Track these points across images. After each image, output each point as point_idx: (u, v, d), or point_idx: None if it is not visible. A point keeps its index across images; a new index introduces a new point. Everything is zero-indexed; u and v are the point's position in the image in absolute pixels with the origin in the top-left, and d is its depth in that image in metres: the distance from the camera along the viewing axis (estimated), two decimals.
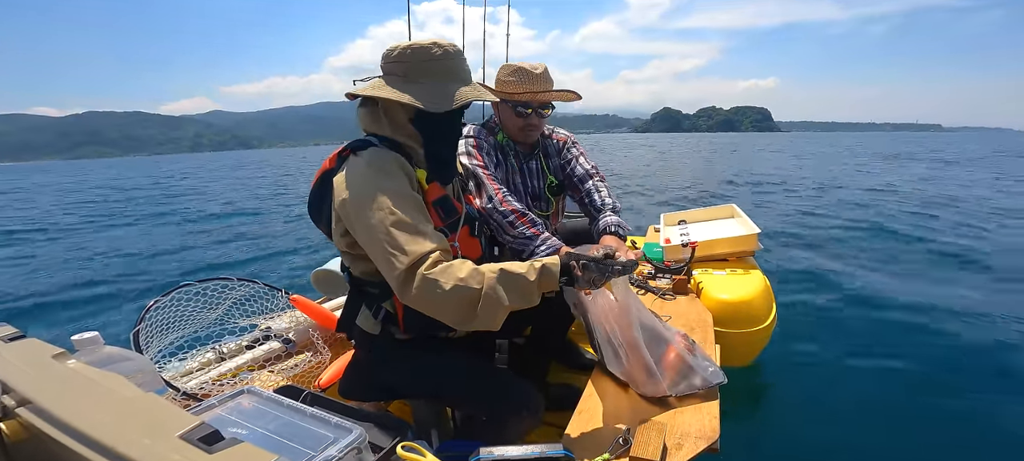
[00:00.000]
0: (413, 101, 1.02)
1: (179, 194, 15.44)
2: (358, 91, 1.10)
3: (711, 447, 1.04)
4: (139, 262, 5.66)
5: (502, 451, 0.90)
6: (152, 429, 0.52)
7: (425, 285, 0.93)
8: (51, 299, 4.34)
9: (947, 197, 8.83)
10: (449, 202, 1.13)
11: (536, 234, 1.38)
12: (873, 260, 4.61)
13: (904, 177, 13.17)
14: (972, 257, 4.61)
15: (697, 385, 1.17)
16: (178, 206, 11.83)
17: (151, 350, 1.36)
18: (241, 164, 38.86)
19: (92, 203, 14.06)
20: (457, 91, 1.07)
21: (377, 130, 1.10)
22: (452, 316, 0.96)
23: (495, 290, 0.94)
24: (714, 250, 2.17)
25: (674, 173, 16.47)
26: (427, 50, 1.06)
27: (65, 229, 8.84)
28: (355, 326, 1.19)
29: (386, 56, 1.09)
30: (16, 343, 0.73)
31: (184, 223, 8.75)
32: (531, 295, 0.97)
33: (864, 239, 5.51)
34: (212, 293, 1.58)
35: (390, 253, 0.95)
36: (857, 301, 3.52)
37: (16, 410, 0.59)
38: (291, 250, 6.19)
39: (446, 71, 1.08)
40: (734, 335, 1.78)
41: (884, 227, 6.05)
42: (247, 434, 0.88)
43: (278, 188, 15.94)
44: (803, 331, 2.99)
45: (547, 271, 0.98)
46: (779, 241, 5.44)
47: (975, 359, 2.63)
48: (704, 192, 10.97)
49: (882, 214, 7.10)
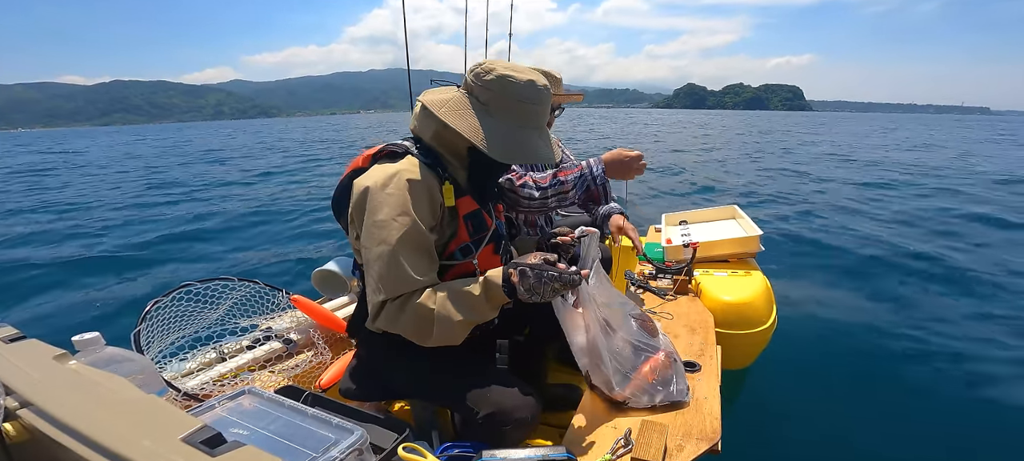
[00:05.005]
0: (483, 144, 0.99)
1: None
2: (434, 108, 1.03)
3: (712, 448, 1.04)
4: (140, 261, 5.66)
5: (505, 454, 0.90)
6: (154, 431, 0.52)
7: (388, 315, 0.99)
8: (51, 299, 4.34)
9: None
10: (480, 216, 1.11)
11: (576, 172, 1.40)
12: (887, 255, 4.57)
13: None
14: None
15: (657, 402, 1.17)
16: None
17: (152, 350, 1.36)
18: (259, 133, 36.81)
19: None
20: (531, 143, 1.04)
21: (422, 135, 1.07)
22: (412, 335, 1.00)
23: (445, 308, 0.97)
24: (715, 251, 2.17)
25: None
26: (521, 89, 1.01)
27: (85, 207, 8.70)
28: (363, 328, 1.19)
29: (477, 74, 1.03)
30: (17, 344, 0.73)
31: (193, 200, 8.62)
32: (480, 308, 0.99)
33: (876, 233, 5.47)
34: (212, 293, 1.58)
35: (376, 280, 0.98)
36: (861, 300, 3.53)
37: (17, 411, 0.59)
38: (292, 250, 6.19)
39: (530, 116, 1.04)
40: (735, 336, 1.78)
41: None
42: (248, 435, 0.88)
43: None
44: (804, 332, 2.99)
45: (490, 283, 0.99)
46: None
47: (978, 360, 2.63)
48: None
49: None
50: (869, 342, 2.89)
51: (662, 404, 1.17)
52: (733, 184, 9.42)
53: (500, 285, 0.98)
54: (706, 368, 1.35)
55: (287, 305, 1.74)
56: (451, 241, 1.07)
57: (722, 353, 1.47)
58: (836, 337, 2.96)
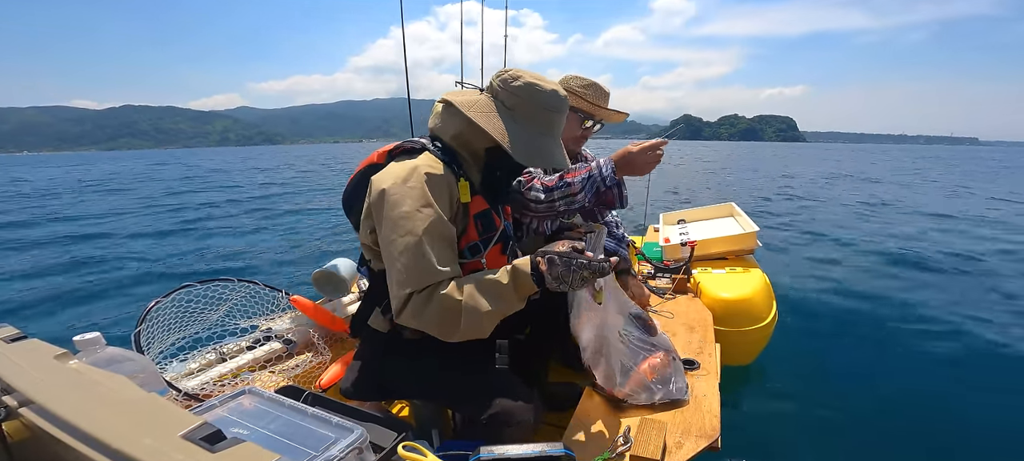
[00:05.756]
0: (508, 146, 1.01)
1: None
2: (463, 108, 1.05)
3: (712, 445, 1.05)
4: (142, 261, 5.66)
5: (503, 450, 0.90)
6: (154, 429, 0.52)
7: (414, 308, 0.97)
8: (51, 299, 4.35)
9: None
10: (490, 216, 1.12)
11: (584, 172, 1.36)
12: (883, 261, 4.60)
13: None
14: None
15: (656, 400, 1.18)
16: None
17: (152, 351, 1.36)
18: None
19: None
20: (550, 150, 1.07)
21: (442, 134, 1.09)
22: (437, 329, 0.98)
23: (473, 299, 0.96)
24: (713, 249, 2.17)
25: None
26: (547, 97, 1.04)
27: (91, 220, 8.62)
28: (366, 326, 1.19)
29: (504, 80, 1.06)
30: (18, 344, 0.73)
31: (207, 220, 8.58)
32: (508, 297, 0.97)
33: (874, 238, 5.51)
34: (213, 294, 1.59)
35: (401, 272, 0.97)
36: (863, 300, 3.53)
37: (18, 410, 0.60)
38: (292, 250, 6.20)
39: (550, 125, 1.07)
40: (734, 333, 1.79)
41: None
42: (248, 434, 0.88)
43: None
44: (805, 329, 2.99)
45: (518, 270, 0.98)
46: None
47: (980, 360, 2.64)
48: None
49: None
50: (870, 340, 2.89)
51: (661, 402, 1.17)
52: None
53: (529, 273, 0.97)
54: (705, 366, 1.36)
55: (287, 306, 1.74)
56: (460, 239, 1.07)
57: (722, 350, 1.47)
58: (837, 336, 2.97)
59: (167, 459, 0.47)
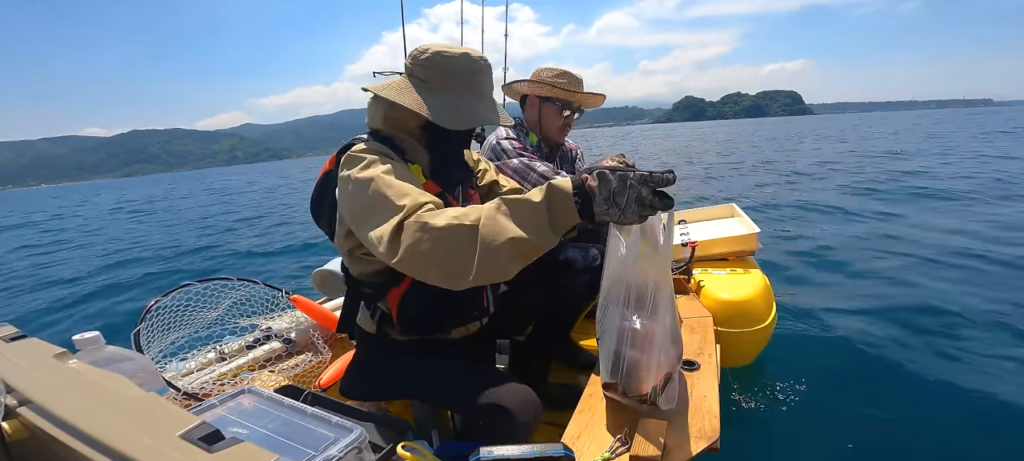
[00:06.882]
0: (428, 114, 1.01)
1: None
2: (376, 90, 1.07)
3: (711, 447, 1.04)
4: (142, 262, 5.67)
5: (502, 450, 0.90)
6: (153, 428, 0.52)
7: (413, 232, 0.80)
8: (52, 299, 4.35)
9: None
10: (445, 200, 1.11)
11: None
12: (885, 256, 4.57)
13: None
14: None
15: (656, 400, 1.15)
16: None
17: (152, 350, 1.36)
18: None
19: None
20: (474, 109, 1.06)
21: (374, 124, 1.10)
22: (444, 264, 0.78)
23: (495, 220, 0.77)
24: (714, 249, 2.17)
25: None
26: (455, 61, 1.04)
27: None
28: (356, 325, 1.19)
29: (413, 56, 1.07)
30: (18, 343, 0.73)
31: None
32: (538, 222, 0.77)
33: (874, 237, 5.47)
34: (212, 293, 1.59)
35: (379, 214, 0.86)
36: (864, 300, 3.52)
37: (17, 409, 0.60)
38: (292, 250, 6.20)
39: (469, 86, 1.07)
40: (734, 334, 1.79)
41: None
42: (248, 433, 0.88)
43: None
44: (805, 330, 2.98)
45: (555, 189, 0.77)
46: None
47: (983, 358, 2.63)
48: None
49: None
50: (871, 339, 2.89)
51: (661, 403, 1.17)
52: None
53: (570, 193, 0.76)
54: (705, 366, 1.36)
55: (287, 305, 1.74)
56: None
57: (722, 351, 1.47)
58: (837, 335, 2.96)
59: (165, 459, 0.47)
